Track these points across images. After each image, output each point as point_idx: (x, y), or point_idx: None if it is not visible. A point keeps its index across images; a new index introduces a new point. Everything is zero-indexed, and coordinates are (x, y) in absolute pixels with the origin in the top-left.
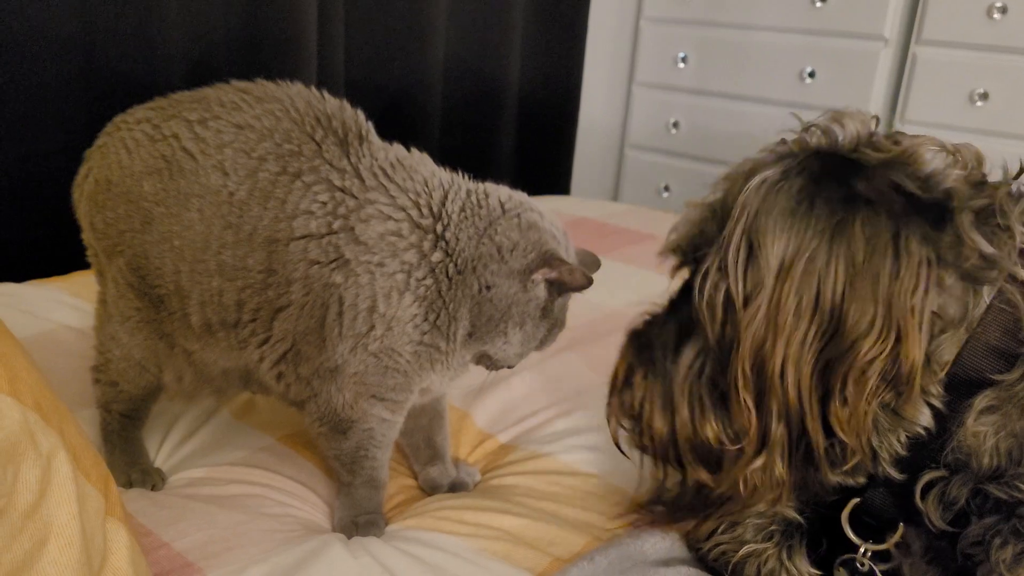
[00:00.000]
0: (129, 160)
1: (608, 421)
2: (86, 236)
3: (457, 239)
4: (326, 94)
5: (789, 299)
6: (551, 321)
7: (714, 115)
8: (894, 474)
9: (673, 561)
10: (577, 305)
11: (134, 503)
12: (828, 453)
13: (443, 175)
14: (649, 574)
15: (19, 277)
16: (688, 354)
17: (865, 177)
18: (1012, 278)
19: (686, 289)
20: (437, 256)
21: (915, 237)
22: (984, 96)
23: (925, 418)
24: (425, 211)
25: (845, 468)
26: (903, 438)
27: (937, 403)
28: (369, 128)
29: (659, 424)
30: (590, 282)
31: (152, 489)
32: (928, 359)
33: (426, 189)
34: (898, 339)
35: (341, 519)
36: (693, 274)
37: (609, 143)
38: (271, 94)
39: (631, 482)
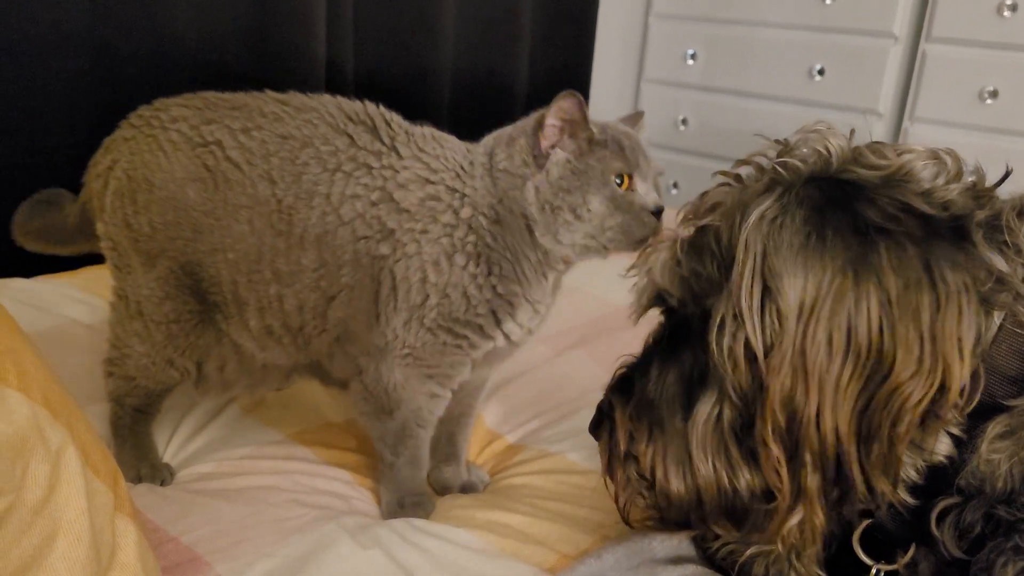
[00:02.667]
0: (168, 163)
1: (616, 500)
2: (110, 230)
3: (476, 190)
4: (353, 99)
5: (817, 342)
6: (606, 183)
7: (723, 112)
8: (908, 500)
9: (681, 560)
10: (584, 302)
11: (142, 498)
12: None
13: (464, 144)
14: (657, 572)
15: (29, 272)
16: (704, 408)
17: (871, 202)
18: (1021, 296)
19: (676, 334)
20: (466, 212)
21: (947, 265)
22: (994, 94)
23: (945, 447)
24: (454, 174)
25: (870, 503)
26: (921, 466)
27: (956, 431)
28: (395, 115)
29: (678, 487)
30: (581, 101)
31: (161, 484)
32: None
33: (455, 155)
34: (944, 374)
35: (388, 502)
36: (702, 323)
37: None
38: (307, 104)
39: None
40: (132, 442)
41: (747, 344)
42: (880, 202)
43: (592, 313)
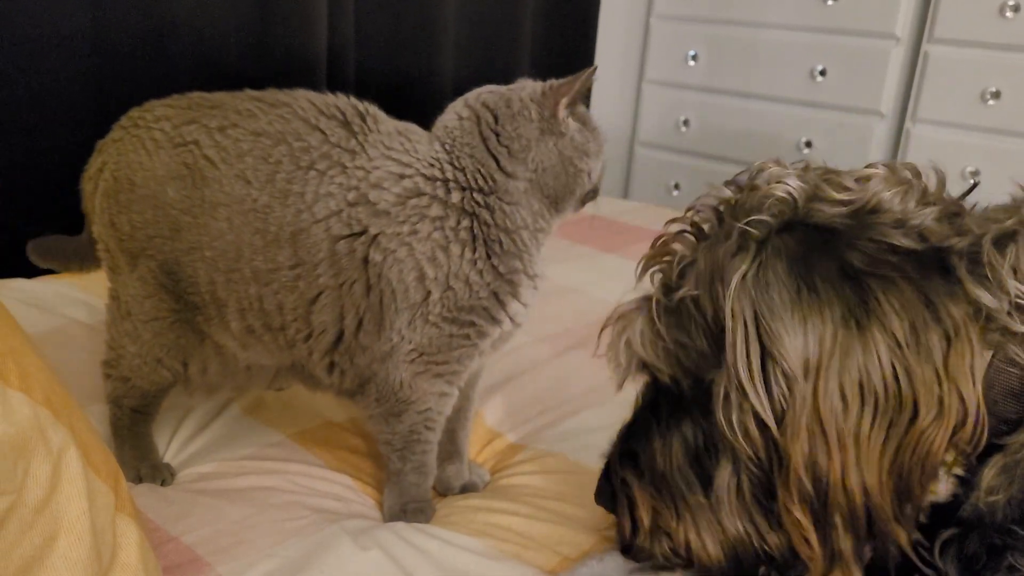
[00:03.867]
0: (150, 162)
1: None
2: (100, 231)
3: (464, 169)
4: (327, 92)
5: (831, 398)
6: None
7: (725, 113)
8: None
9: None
10: (585, 303)
11: (143, 498)
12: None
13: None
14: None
15: (30, 273)
16: (723, 479)
17: (851, 246)
18: (1008, 332)
19: (670, 401)
20: (456, 196)
21: (947, 298)
22: (996, 95)
23: (950, 487)
24: (427, 162)
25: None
26: (926, 506)
27: (961, 471)
28: (370, 107)
29: (716, 553)
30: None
31: (162, 484)
32: None
33: (424, 146)
34: (963, 410)
35: (391, 507)
36: (701, 396)
37: (619, 141)
38: (280, 100)
39: None
40: (132, 443)
41: (755, 415)
42: (861, 245)
43: (593, 314)
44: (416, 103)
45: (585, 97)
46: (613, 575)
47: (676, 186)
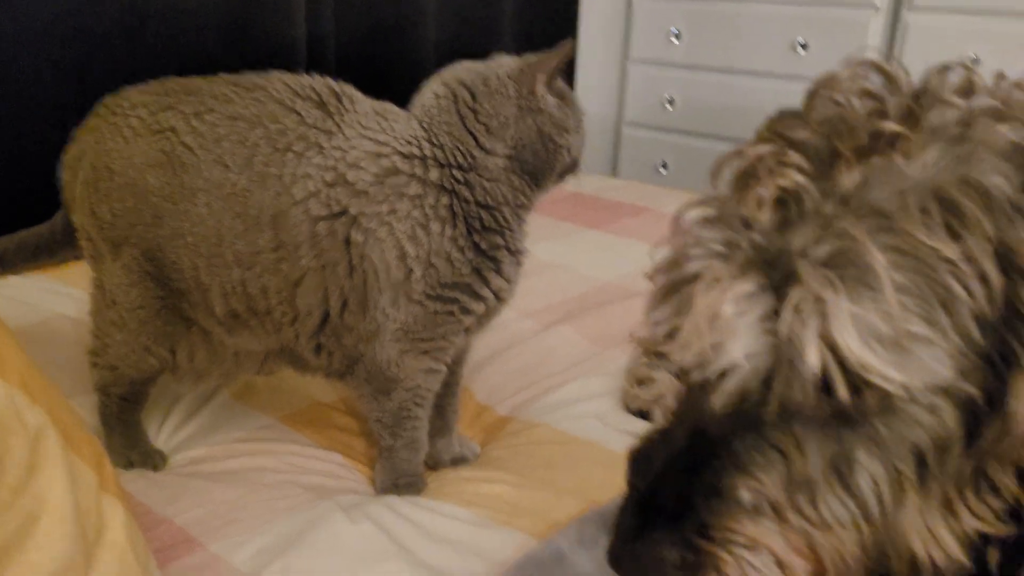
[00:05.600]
0: (128, 150)
1: None
2: (81, 220)
3: (442, 146)
4: (303, 74)
5: None
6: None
7: (709, 90)
8: None
9: None
10: (571, 278)
11: (133, 483)
12: None
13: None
14: None
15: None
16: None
17: None
18: None
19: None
20: (434, 174)
21: None
22: (975, 61)
23: None
24: (404, 140)
25: None
26: None
27: None
28: (346, 87)
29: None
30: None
31: (153, 470)
32: None
33: (401, 125)
34: None
35: (383, 483)
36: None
37: (605, 121)
38: (256, 83)
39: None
40: (121, 430)
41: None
42: None
43: (578, 289)
44: (397, 87)
45: (569, 78)
46: (598, 536)
47: (664, 164)
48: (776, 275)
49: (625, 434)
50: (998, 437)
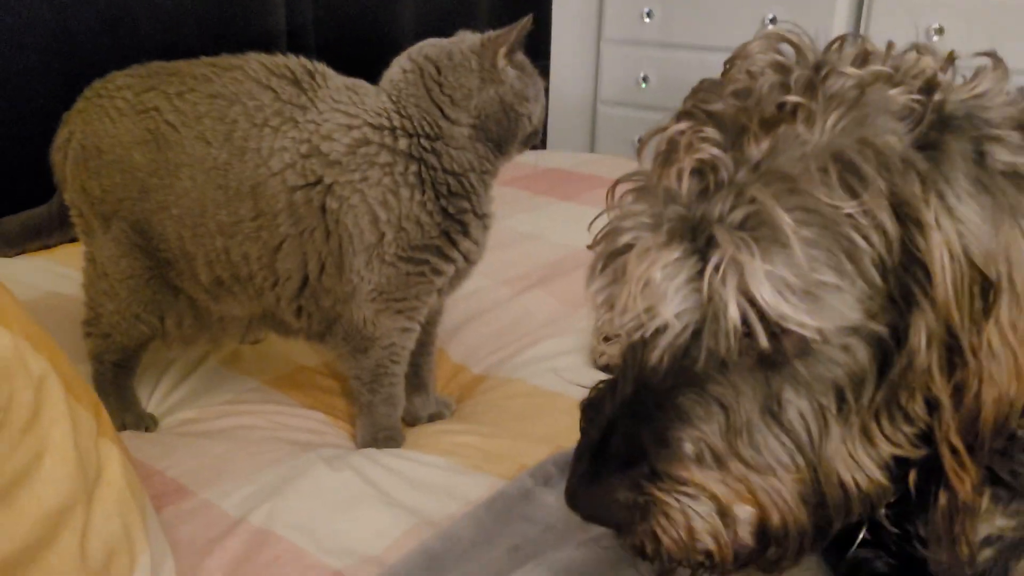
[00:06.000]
0: (115, 129)
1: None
2: (72, 197)
3: (410, 117)
4: (278, 53)
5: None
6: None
7: (682, 67)
8: None
9: None
10: (543, 247)
11: (127, 442)
12: None
13: (376, 87)
14: None
15: None
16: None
17: (981, 144)
18: None
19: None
20: (403, 143)
21: None
22: (940, 31)
23: None
24: (374, 112)
25: None
26: None
27: None
28: (319, 65)
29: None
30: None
31: (145, 431)
32: None
33: (371, 99)
34: None
35: (363, 437)
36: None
37: (582, 100)
38: (233, 63)
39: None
40: (115, 396)
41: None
42: (989, 141)
43: (550, 256)
44: (378, 68)
45: (545, 59)
46: (563, 470)
47: (640, 141)
48: (698, 241)
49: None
50: (905, 369)
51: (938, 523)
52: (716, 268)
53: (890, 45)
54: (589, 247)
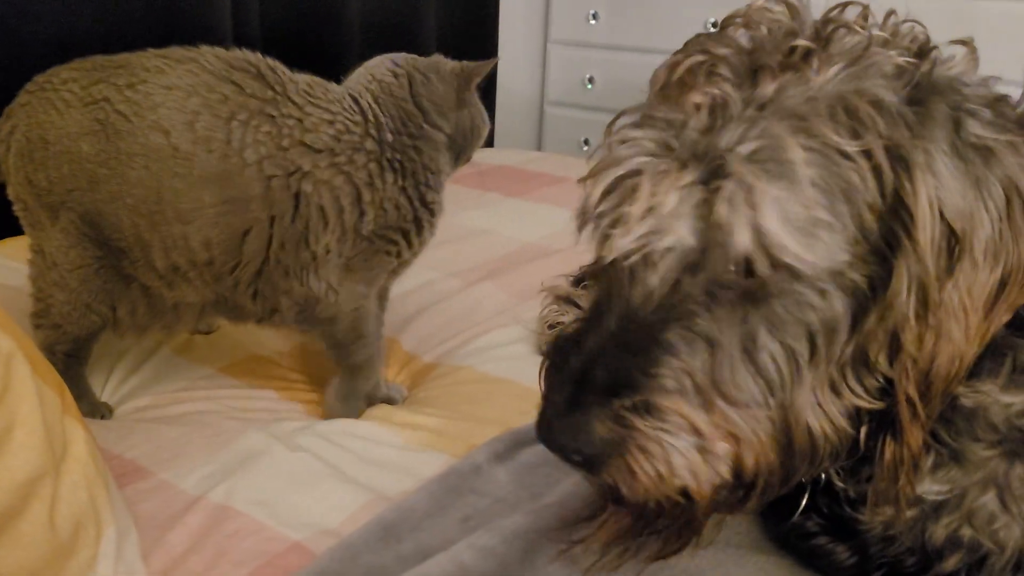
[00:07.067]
0: (62, 120)
1: None
2: (17, 190)
3: (391, 116)
4: (232, 48)
5: (982, 275)
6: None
7: (628, 69)
8: None
9: None
10: (493, 241)
11: None
12: None
13: (339, 86)
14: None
15: None
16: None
17: (961, 114)
18: None
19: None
20: (388, 136)
21: None
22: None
23: None
24: (352, 111)
25: None
26: None
27: None
28: (274, 61)
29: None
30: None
31: (101, 419)
32: None
33: (339, 96)
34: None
35: (331, 405)
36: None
37: (529, 101)
38: (187, 56)
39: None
40: (68, 385)
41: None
42: (966, 112)
43: (500, 250)
44: (322, 73)
45: (492, 58)
46: (511, 451)
47: (586, 142)
48: (707, 170)
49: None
50: (878, 321)
51: (883, 477)
52: (729, 197)
53: (890, 12)
54: (584, 178)
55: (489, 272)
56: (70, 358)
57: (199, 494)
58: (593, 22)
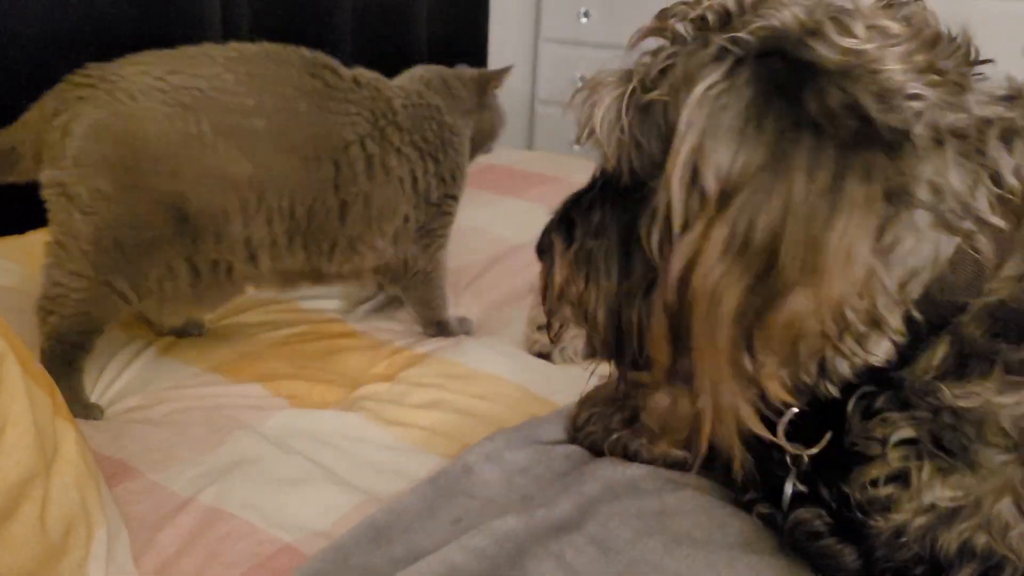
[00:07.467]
0: (141, 108)
1: (548, 324)
2: (64, 176)
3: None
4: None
5: (720, 230)
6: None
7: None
8: (835, 394)
9: (564, 442)
10: (486, 240)
11: None
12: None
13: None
14: (541, 450)
15: None
16: (636, 276)
17: (818, 92)
18: (982, 223)
19: (615, 190)
20: (447, 117)
21: (860, 176)
22: None
23: (884, 351)
24: (417, 95)
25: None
26: (859, 365)
27: (899, 339)
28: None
29: (606, 329)
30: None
31: (94, 419)
32: (896, 299)
33: (399, 86)
34: (825, 292)
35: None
36: (637, 201)
37: (520, 99)
38: (261, 51)
39: (534, 383)
40: (64, 383)
41: (668, 223)
42: (828, 93)
43: (491, 249)
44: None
45: (483, 58)
46: (505, 452)
47: (578, 140)
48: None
49: (528, 371)
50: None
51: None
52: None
53: None
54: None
55: (479, 271)
56: (76, 349)
57: (190, 495)
58: (584, 20)
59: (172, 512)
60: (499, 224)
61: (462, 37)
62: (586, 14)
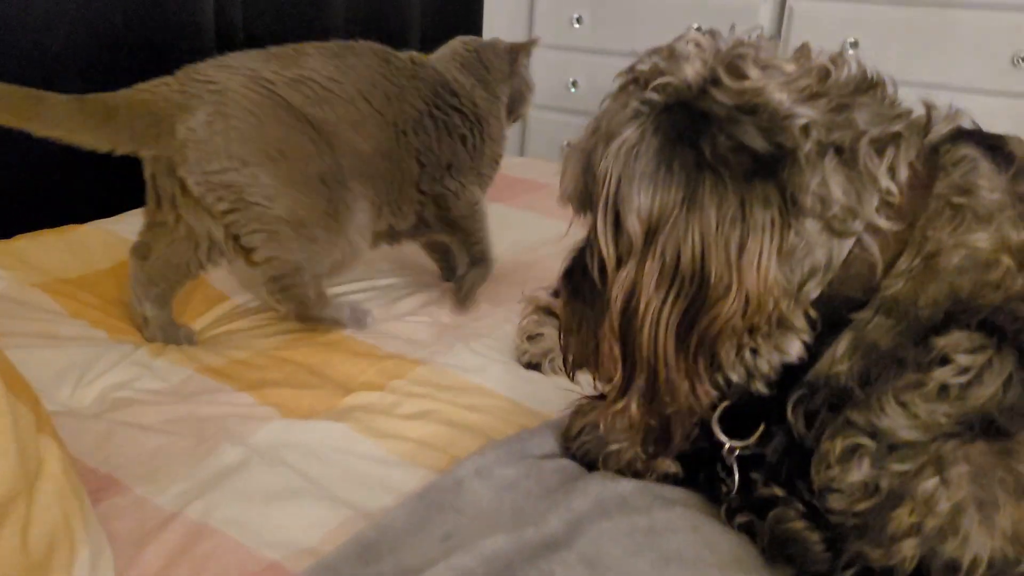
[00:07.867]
0: (266, 102)
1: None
2: (208, 178)
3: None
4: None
5: (652, 264)
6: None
7: (611, 73)
8: (764, 390)
9: (553, 455)
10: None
11: (61, 428)
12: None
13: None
14: (531, 464)
15: None
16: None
17: (712, 138)
18: (872, 226)
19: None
20: (482, 90)
21: (759, 202)
22: (855, 44)
23: (796, 350)
24: (461, 69)
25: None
26: (776, 363)
27: (807, 338)
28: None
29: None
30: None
31: (189, 343)
32: (797, 300)
33: (444, 61)
34: (748, 300)
35: (478, 286)
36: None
37: None
38: (337, 46)
39: (528, 398)
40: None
41: (603, 260)
42: (718, 140)
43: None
44: None
45: None
46: (495, 467)
47: (568, 144)
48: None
49: (518, 381)
50: None
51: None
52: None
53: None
54: None
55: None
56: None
57: (175, 510)
58: (577, 26)
59: (157, 528)
60: (491, 231)
61: (454, 36)
62: (579, 19)
